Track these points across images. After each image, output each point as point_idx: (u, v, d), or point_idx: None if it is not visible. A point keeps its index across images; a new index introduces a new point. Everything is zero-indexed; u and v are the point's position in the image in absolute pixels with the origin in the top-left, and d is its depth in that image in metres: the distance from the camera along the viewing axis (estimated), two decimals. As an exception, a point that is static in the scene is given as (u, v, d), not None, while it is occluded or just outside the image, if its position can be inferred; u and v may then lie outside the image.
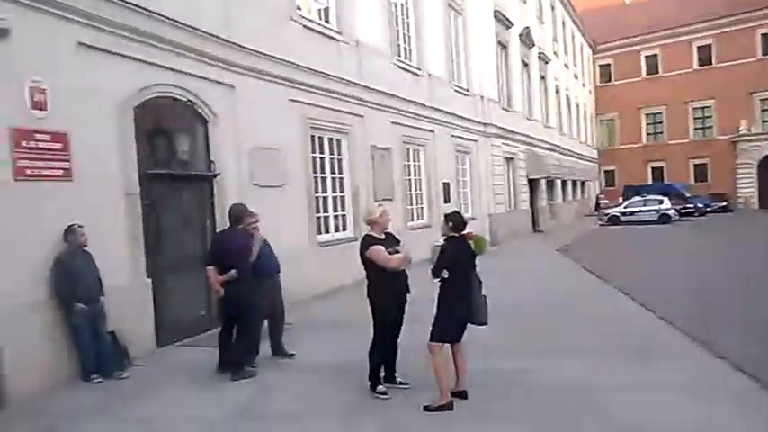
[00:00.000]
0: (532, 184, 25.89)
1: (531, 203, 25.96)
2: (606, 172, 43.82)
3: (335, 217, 12.44)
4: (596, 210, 35.39)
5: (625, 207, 29.77)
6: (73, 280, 6.40)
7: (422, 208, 16.51)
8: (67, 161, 6.79)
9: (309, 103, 11.39)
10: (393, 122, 14.71)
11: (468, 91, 20.03)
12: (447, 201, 17.58)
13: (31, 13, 6.45)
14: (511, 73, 24.07)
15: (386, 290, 5.51)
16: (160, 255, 8.06)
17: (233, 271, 6.28)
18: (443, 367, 5.22)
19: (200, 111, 9.02)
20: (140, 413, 5.44)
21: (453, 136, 18.52)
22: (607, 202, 35.94)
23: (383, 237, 5.68)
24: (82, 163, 6.89)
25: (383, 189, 13.89)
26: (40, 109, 6.52)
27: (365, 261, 5.57)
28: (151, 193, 7.95)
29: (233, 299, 6.37)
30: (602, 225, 28.89)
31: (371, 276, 5.62)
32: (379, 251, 5.48)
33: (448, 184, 17.96)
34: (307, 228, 11.29)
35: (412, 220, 15.77)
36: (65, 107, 6.72)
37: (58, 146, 6.68)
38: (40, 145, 6.48)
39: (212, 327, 7.84)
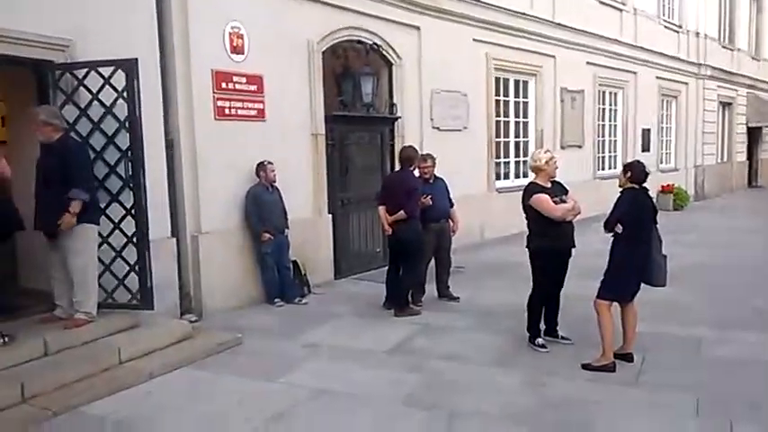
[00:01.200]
0: (753, 132, 22.82)
1: (750, 155, 22.97)
2: None
3: (516, 163, 12.10)
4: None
5: None
6: (262, 212, 7.01)
7: (615, 156, 15.40)
8: (261, 102, 7.34)
9: (495, 43, 11.06)
10: (588, 63, 13.75)
11: (680, 27, 17.94)
12: (646, 149, 16.19)
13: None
14: (736, 4, 21.05)
15: (547, 241, 5.27)
16: (341, 192, 8.52)
17: (401, 212, 6.42)
18: (609, 326, 4.92)
19: (384, 53, 9.18)
20: (310, 338, 5.90)
21: (658, 78, 16.83)
22: None
23: (549, 185, 5.41)
24: (273, 104, 7.41)
25: (571, 135, 13.17)
26: (238, 53, 7.07)
27: (527, 210, 5.37)
28: (335, 134, 8.37)
29: (400, 238, 6.55)
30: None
31: (532, 226, 5.41)
32: (543, 199, 5.24)
33: (648, 130, 16.51)
34: (486, 173, 11.16)
35: (602, 169, 14.82)
36: (259, 51, 7.23)
37: (253, 88, 7.24)
38: (238, 87, 7.07)
39: (386, 263, 8.16)
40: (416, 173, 6.95)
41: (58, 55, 5.40)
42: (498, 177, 11.63)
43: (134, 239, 5.50)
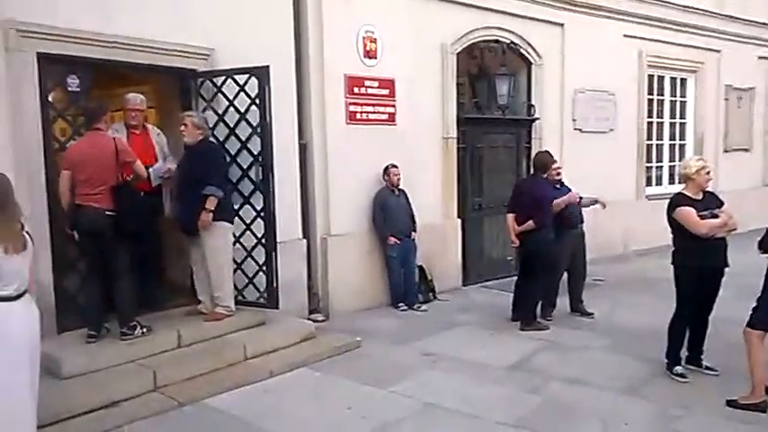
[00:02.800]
0: None
1: None
2: None
3: (671, 168, 11.11)
4: None
5: None
6: (387, 215, 7.02)
7: (790, 161, 13.64)
8: (393, 106, 7.35)
9: (649, 39, 10.23)
10: (761, 57, 12.29)
11: None
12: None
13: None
14: None
15: (692, 260, 4.72)
16: (472, 197, 8.32)
17: (530, 221, 6.11)
18: (760, 359, 4.30)
19: (523, 52, 8.83)
20: (428, 346, 5.79)
21: None
22: None
23: (700, 197, 4.84)
24: (404, 108, 7.39)
25: (737, 137, 11.87)
26: (371, 57, 7.13)
27: (672, 223, 4.85)
28: (467, 137, 8.19)
29: (528, 249, 6.24)
30: None
31: (677, 241, 4.88)
32: (688, 213, 4.70)
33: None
34: (635, 179, 10.37)
35: (775, 177, 13.20)
36: (392, 55, 7.24)
37: (384, 92, 7.27)
38: (369, 91, 7.13)
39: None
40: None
41: (200, 63, 5.76)
42: (649, 183, 10.76)
43: (263, 240, 5.73)
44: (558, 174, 6.59)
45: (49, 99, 4.93)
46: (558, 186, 6.63)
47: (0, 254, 3.02)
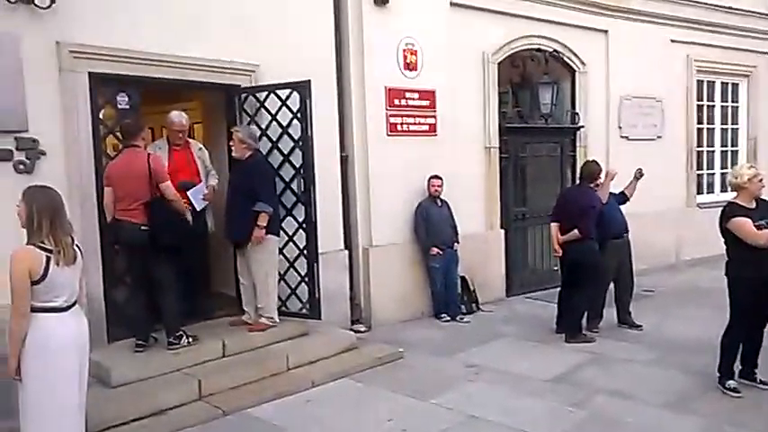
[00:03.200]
0: None
1: None
2: None
3: (723, 175, 10.75)
4: None
5: None
6: (429, 226, 7.00)
7: None
8: (433, 117, 7.35)
9: (698, 43, 9.95)
10: (817, 59, 11.80)
11: None
12: None
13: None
14: None
15: (747, 271, 4.56)
16: (515, 207, 8.25)
17: (574, 231, 6.01)
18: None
19: (567, 60, 8.73)
20: (471, 358, 5.74)
21: None
22: None
23: (753, 205, 4.68)
24: (445, 118, 7.38)
25: (795, 143, 11.40)
26: (412, 69, 7.16)
27: (725, 233, 4.70)
28: (510, 146, 8.12)
29: (573, 259, 6.14)
30: None
31: (731, 252, 4.72)
32: (744, 223, 4.54)
33: None
34: (684, 187, 10.08)
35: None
36: (433, 66, 7.24)
37: (425, 103, 7.28)
38: (410, 103, 7.15)
39: (563, 283, 7.75)
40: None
41: (244, 79, 5.89)
42: (700, 191, 10.45)
43: (305, 252, 5.80)
44: (600, 183, 6.46)
45: (100, 116, 5.12)
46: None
47: (52, 266, 3.14)
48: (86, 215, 4.91)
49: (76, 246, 3.35)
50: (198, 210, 5.50)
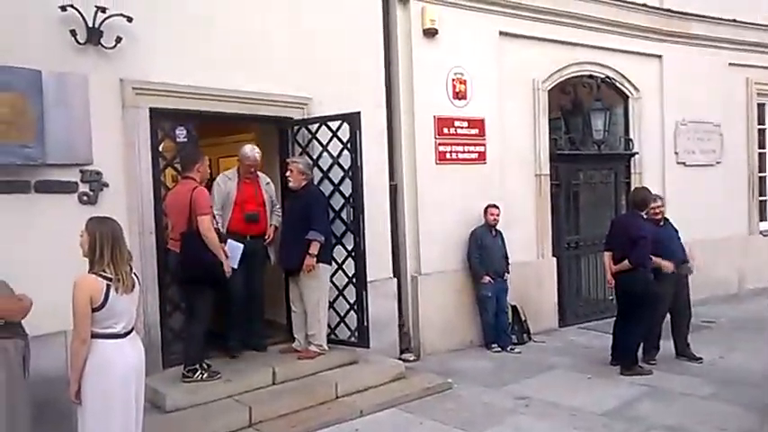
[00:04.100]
0: None
1: None
2: None
3: (788, 201, 10.36)
4: None
5: None
6: (484, 254, 6.96)
7: None
8: (483, 145, 7.36)
9: (759, 66, 9.68)
10: None
11: None
12: None
13: (456, 10, 7.10)
14: None
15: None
16: (567, 235, 8.13)
17: (625, 261, 5.88)
18: None
19: (619, 86, 8.63)
20: (521, 390, 5.63)
21: None
22: None
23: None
24: (494, 146, 7.38)
25: None
26: (461, 98, 7.21)
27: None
28: (561, 173, 8.05)
29: (625, 290, 5.99)
30: None
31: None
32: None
33: None
34: (746, 213, 9.74)
35: None
36: (482, 95, 7.29)
37: (474, 131, 7.31)
38: (459, 131, 7.19)
39: (618, 313, 7.55)
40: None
41: (297, 112, 6.06)
42: (763, 218, 10.05)
43: (354, 280, 5.86)
44: (659, 211, 6.32)
45: (160, 149, 5.34)
46: (661, 224, 6.35)
47: (111, 293, 3.28)
48: (145, 244, 5.11)
49: (134, 274, 3.49)
50: (235, 266, 5.19)
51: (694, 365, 6.20)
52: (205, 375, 5.07)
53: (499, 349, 6.92)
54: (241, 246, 5.28)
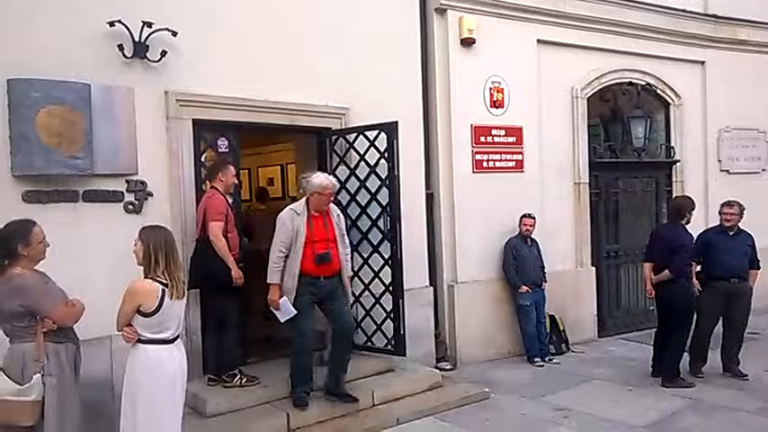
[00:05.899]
0: None
1: None
2: None
3: (838, 209, 9.99)
4: None
5: None
6: (520, 264, 6.91)
7: None
8: (520, 153, 7.33)
9: (806, 71, 9.39)
10: None
11: None
12: None
13: (493, 19, 7.11)
14: None
15: None
16: (607, 244, 8.03)
17: (665, 270, 5.78)
18: None
19: (660, 93, 8.50)
20: (560, 401, 5.58)
21: None
22: None
23: None
24: (532, 154, 7.35)
25: None
26: (498, 107, 7.20)
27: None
28: (600, 182, 7.96)
29: (664, 300, 5.89)
30: None
31: None
32: None
33: None
34: (794, 222, 9.42)
35: None
36: (520, 103, 7.27)
37: (511, 139, 7.28)
38: (496, 140, 7.17)
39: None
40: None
41: (335, 122, 6.13)
42: (813, 227, 9.72)
43: (390, 288, 5.88)
44: (729, 218, 6.13)
45: (202, 159, 5.47)
46: (731, 233, 6.15)
47: (166, 299, 3.38)
48: (187, 252, 5.22)
49: (184, 281, 3.59)
50: (281, 321, 5.10)
51: (740, 381, 6.02)
52: (244, 380, 5.14)
53: (537, 359, 6.85)
54: (294, 311, 4.97)
